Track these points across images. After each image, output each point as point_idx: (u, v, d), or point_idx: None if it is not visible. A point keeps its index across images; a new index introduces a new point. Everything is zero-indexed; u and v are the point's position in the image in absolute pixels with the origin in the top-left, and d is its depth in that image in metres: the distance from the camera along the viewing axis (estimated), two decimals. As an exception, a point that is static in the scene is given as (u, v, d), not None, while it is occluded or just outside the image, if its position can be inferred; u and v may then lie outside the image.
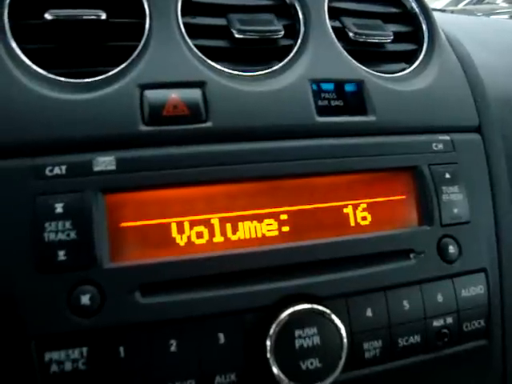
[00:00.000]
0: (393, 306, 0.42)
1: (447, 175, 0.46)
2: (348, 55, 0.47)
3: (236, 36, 0.44)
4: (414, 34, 0.52)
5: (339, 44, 0.47)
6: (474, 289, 0.45)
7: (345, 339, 0.38)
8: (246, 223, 0.40)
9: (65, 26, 0.40)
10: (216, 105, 0.41)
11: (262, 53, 0.46)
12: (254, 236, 0.40)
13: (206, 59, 0.43)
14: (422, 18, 0.53)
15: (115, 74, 0.40)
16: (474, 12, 1.33)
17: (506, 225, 0.48)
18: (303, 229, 0.41)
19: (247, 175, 0.40)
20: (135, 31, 0.42)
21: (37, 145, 0.37)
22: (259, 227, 0.40)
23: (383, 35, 0.49)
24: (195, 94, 0.41)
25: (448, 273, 0.44)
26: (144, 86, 0.40)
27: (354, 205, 0.43)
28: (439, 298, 0.43)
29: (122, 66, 0.40)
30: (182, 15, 0.43)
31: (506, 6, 1.46)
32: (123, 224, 0.37)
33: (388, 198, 0.44)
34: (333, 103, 0.45)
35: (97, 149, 0.38)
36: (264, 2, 0.48)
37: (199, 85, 0.41)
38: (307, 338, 0.37)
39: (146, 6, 0.43)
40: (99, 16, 0.40)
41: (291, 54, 0.45)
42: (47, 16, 0.39)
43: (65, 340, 0.34)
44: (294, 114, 0.43)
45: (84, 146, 0.37)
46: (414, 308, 0.42)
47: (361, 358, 0.40)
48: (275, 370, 0.36)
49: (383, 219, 0.44)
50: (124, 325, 0.36)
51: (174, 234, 0.38)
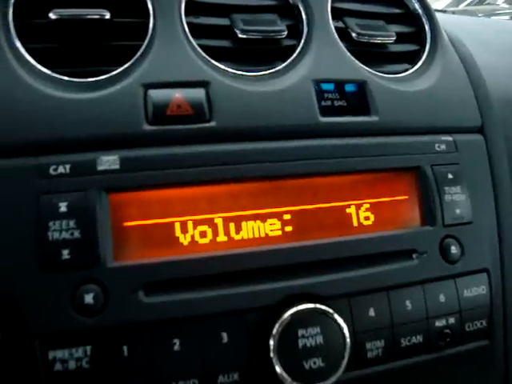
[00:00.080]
0: (395, 306, 0.42)
1: (450, 176, 0.46)
2: (351, 55, 0.47)
3: (239, 36, 0.44)
4: (417, 34, 0.52)
5: (342, 44, 0.47)
6: (476, 289, 0.45)
7: (348, 339, 0.38)
8: (249, 223, 0.40)
9: (69, 25, 0.40)
10: (220, 105, 0.41)
11: (265, 53, 0.46)
12: (257, 236, 0.40)
13: (210, 59, 0.43)
14: (424, 19, 0.53)
15: (119, 73, 0.40)
16: (475, 13, 1.33)
17: (509, 225, 0.48)
18: (306, 229, 0.41)
19: (251, 175, 0.40)
20: (139, 31, 0.42)
21: (41, 144, 0.37)
22: (262, 227, 0.40)
23: (386, 36, 0.49)
24: (199, 93, 0.41)
25: (450, 273, 0.44)
26: (148, 86, 0.40)
27: (356, 205, 0.43)
28: (441, 298, 0.43)
29: (125, 66, 0.40)
30: (185, 15, 0.43)
31: (506, 6, 1.46)
32: (127, 223, 0.37)
33: (391, 199, 0.44)
34: (336, 103, 0.45)
35: (101, 148, 0.38)
36: (267, 3, 0.48)
37: (203, 84, 0.41)
38: (310, 337, 0.38)
39: (149, 5, 0.43)
40: (103, 15, 0.40)
41: (294, 55, 0.46)
42: (51, 15, 0.39)
43: (68, 339, 0.34)
44: (298, 114, 0.43)
45: (88, 145, 0.38)
46: (417, 308, 0.42)
47: (363, 357, 0.41)
48: (278, 370, 0.37)
49: (386, 219, 0.44)
50: (127, 324, 0.36)
51: (178, 234, 0.38)
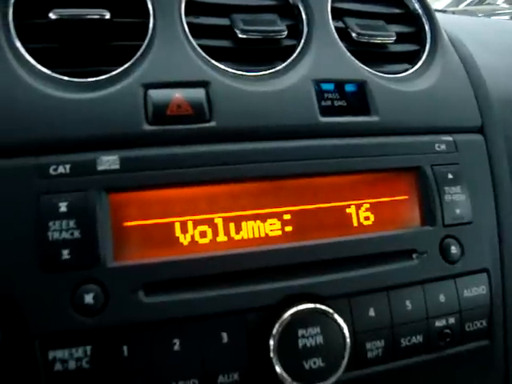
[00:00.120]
0: (395, 306, 0.42)
1: (450, 176, 0.46)
2: (351, 55, 0.47)
3: (239, 36, 0.44)
4: (417, 34, 0.52)
5: (342, 44, 0.47)
6: (476, 289, 0.45)
7: (348, 339, 0.38)
8: (249, 223, 0.40)
9: (69, 25, 0.40)
10: (220, 105, 0.41)
11: (265, 53, 0.46)
12: (257, 236, 0.40)
13: (210, 59, 0.43)
14: (424, 19, 0.53)
15: (119, 73, 0.40)
16: (475, 13, 1.33)
17: (509, 225, 0.48)
18: (306, 229, 0.41)
19: (251, 175, 0.40)
20: (139, 31, 0.42)
21: (41, 144, 0.37)
22: (262, 227, 0.40)
23: (386, 36, 0.49)
24: (199, 93, 0.41)
25: (450, 273, 0.44)
26: (148, 86, 0.40)
27: (356, 205, 0.43)
28: (441, 298, 0.43)
29: (125, 66, 0.40)
30: (185, 15, 0.43)
31: (506, 6, 1.46)
32: (127, 223, 0.37)
33: (391, 199, 0.44)
34: (336, 103, 0.45)
35: (101, 148, 0.38)
36: (267, 3, 0.48)
37: (203, 84, 0.41)
38: (310, 337, 0.38)
39: (149, 5, 0.43)
40: (103, 15, 0.40)
41: (294, 55, 0.46)
42: (51, 15, 0.39)
43: (69, 339, 0.34)
44: (298, 114, 0.43)
45: (88, 145, 0.38)
46: (417, 308, 0.42)
47: (363, 357, 0.41)
48: (278, 370, 0.37)
49: (386, 219, 0.44)
50: (127, 324, 0.36)
51: (178, 234, 0.38)
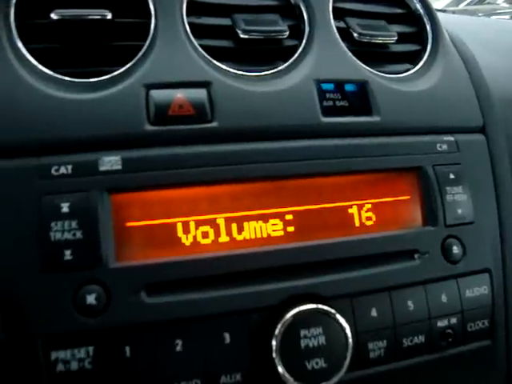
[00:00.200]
0: (397, 306, 0.42)
1: (451, 176, 0.46)
2: (352, 55, 0.47)
3: (241, 36, 0.44)
4: (418, 34, 0.52)
5: (344, 44, 0.47)
6: (478, 289, 0.45)
7: (350, 339, 0.38)
8: (251, 223, 0.40)
9: (70, 25, 0.40)
10: (221, 105, 0.41)
11: (266, 53, 0.46)
12: (259, 236, 0.40)
13: (212, 59, 0.43)
14: (426, 19, 0.53)
15: (121, 73, 0.40)
16: (475, 12, 1.33)
17: (510, 225, 0.48)
18: (308, 229, 0.41)
19: (252, 175, 0.40)
20: (141, 31, 0.42)
21: (42, 144, 0.37)
22: (264, 227, 0.40)
23: (387, 36, 0.49)
24: (201, 93, 0.41)
25: (452, 273, 0.44)
26: (149, 86, 0.40)
27: (358, 205, 0.43)
28: (443, 298, 0.43)
29: (127, 66, 0.40)
30: (187, 15, 0.43)
31: (506, 6, 1.46)
32: (129, 224, 0.37)
33: (392, 199, 0.44)
34: (337, 103, 0.45)
35: (102, 148, 0.38)
36: (269, 3, 0.48)
37: (205, 85, 0.41)
38: (312, 337, 0.37)
39: (151, 5, 0.43)
40: (105, 16, 0.40)
41: (296, 55, 0.45)
42: (53, 16, 0.39)
43: (71, 339, 0.34)
44: (299, 115, 0.43)
45: (90, 146, 0.37)
46: (419, 308, 0.42)
47: (366, 358, 0.41)
48: (281, 370, 0.37)
49: (388, 219, 0.44)
50: (130, 324, 0.36)
51: (180, 234, 0.38)
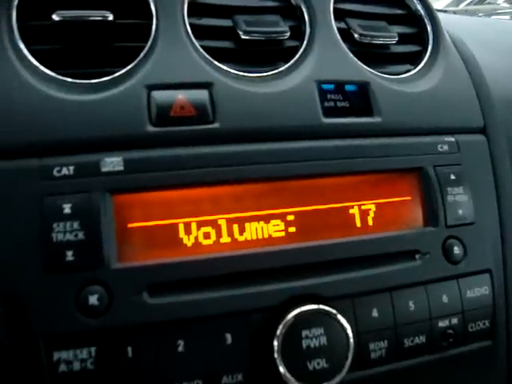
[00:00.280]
0: (398, 306, 0.42)
1: (452, 176, 0.46)
2: (353, 56, 0.47)
3: (242, 37, 0.44)
4: (419, 35, 0.52)
5: (344, 45, 0.47)
6: (478, 289, 0.45)
7: (351, 339, 0.39)
8: (252, 224, 0.40)
9: (72, 26, 0.40)
10: (223, 106, 0.41)
11: (267, 54, 0.46)
12: (260, 237, 0.40)
13: (213, 60, 0.43)
14: (426, 20, 0.53)
15: (122, 74, 0.40)
16: (476, 12, 1.33)
17: (511, 226, 0.48)
18: (309, 230, 0.41)
19: (254, 176, 0.40)
20: (142, 32, 0.42)
21: (44, 145, 0.37)
22: (266, 228, 0.40)
23: (388, 36, 0.49)
24: (202, 95, 0.41)
25: (453, 273, 0.44)
26: (151, 87, 0.40)
27: (359, 206, 0.43)
28: (444, 298, 0.43)
29: (128, 67, 0.40)
30: (188, 16, 0.43)
31: (507, 6, 1.46)
32: (131, 224, 0.37)
33: (393, 199, 0.44)
34: (339, 104, 0.45)
35: (104, 149, 0.38)
36: (270, 4, 0.48)
37: (206, 86, 0.41)
38: (314, 338, 0.38)
39: (152, 7, 0.43)
40: (106, 17, 0.40)
41: (297, 56, 0.46)
42: (54, 17, 0.39)
43: (73, 340, 0.35)
44: (301, 115, 0.43)
45: (91, 147, 0.38)
46: (420, 309, 0.42)
47: (367, 358, 0.41)
48: (282, 370, 0.37)
49: (389, 220, 0.44)
50: (132, 325, 0.36)
51: (182, 235, 0.38)
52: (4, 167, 0.36)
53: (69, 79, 0.39)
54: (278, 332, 0.37)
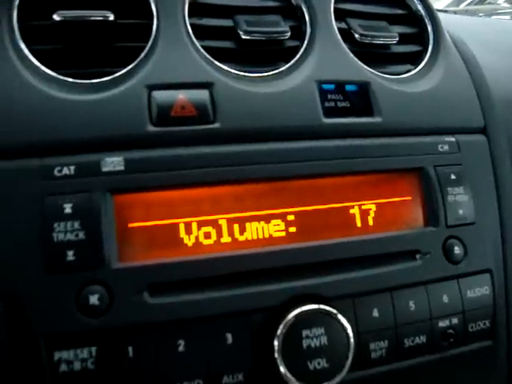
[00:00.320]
0: (399, 306, 0.42)
1: (452, 176, 0.46)
2: (354, 56, 0.47)
3: (242, 37, 0.44)
4: (420, 35, 0.53)
5: (345, 45, 0.47)
6: (479, 289, 0.45)
7: (351, 339, 0.39)
8: (253, 224, 0.40)
9: (73, 26, 0.40)
10: (223, 106, 0.41)
11: (268, 54, 0.46)
12: (261, 237, 0.40)
13: (213, 60, 0.43)
14: (427, 20, 0.53)
15: (123, 74, 0.40)
16: (476, 12, 1.33)
17: (512, 226, 0.48)
18: (310, 229, 0.41)
19: (254, 176, 0.40)
20: (143, 32, 0.42)
21: (45, 145, 0.37)
22: (266, 228, 0.40)
23: (389, 36, 0.49)
24: (203, 94, 0.41)
25: (453, 273, 0.44)
26: (152, 87, 0.40)
27: (360, 206, 0.43)
28: (445, 298, 0.43)
29: (129, 67, 0.40)
30: (188, 16, 0.43)
31: (507, 6, 1.46)
32: (131, 224, 0.37)
33: (394, 199, 0.44)
34: (339, 104, 0.45)
35: (105, 149, 0.38)
36: (270, 4, 0.48)
37: (207, 86, 0.41)
38: (314, 338, 0.38)
39: (153, 7, 0.43)
40: (107, 17, 0.40)
41: (298, 56, 0.46)
42: (55, 17, 0.39)
43: (74, 339, 0.35)
44: (301, 116, 0.43)
45: (92, 147, 0.38)
46: (420, 308, 0.42)
47: (367, 358, 0.41)
48: (283, 370, 0.37)
49: (389, 220, 0.44)
50: (132, 325, 0.36)
51: (182, 235, 0.38)
52: (5, 167, 0.36)
53: (70, 79, 0.39)
54: (279, 332, 0.37)
